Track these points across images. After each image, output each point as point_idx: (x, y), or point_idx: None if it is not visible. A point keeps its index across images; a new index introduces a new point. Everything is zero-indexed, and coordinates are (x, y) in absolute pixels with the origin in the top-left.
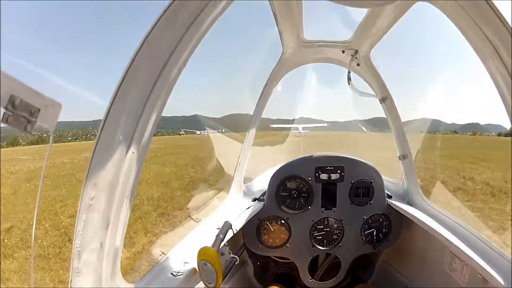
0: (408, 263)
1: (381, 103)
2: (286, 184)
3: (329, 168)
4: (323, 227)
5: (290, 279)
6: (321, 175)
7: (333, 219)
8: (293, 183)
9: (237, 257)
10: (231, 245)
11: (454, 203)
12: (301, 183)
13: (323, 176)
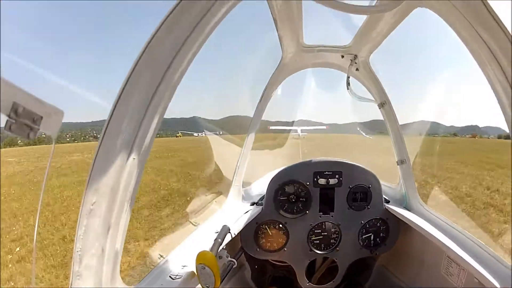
0: (405, 267)
1: (380, 108)
2: (284, 188)
3: (327, 173)
4: (320, 231)
5: (287, 283)
6: (319, 180)
7: (330, 224)
8: (291, 188)
9: (235, 260)
10: (229, 248)
11: (451, 208)
12: (299, 188)
13: (321, 180)
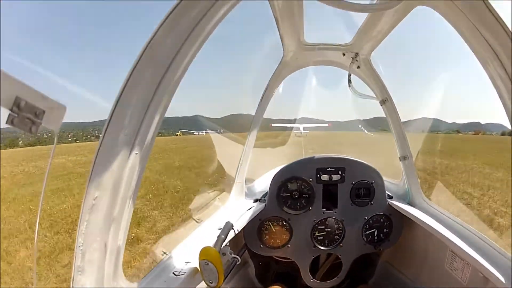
0: (409, 263)
1: (382, 105)
2: (287, 185)
3: (330, 169)
4: (324, 227)
5: (291, 279)
6: (322, 176)
7: (334, 220)
8: (295, 184)
9: (238, 257)
10: (233, 245)
11: (454, 203)
12: (302, 184)
13: (324, 177)
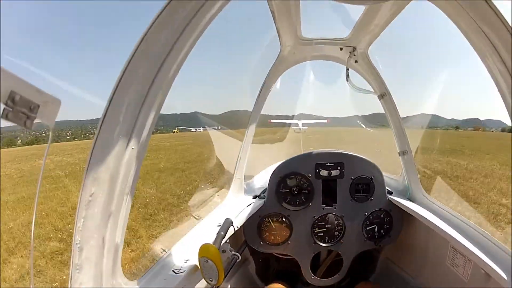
0: (410, 259)
1: (380, 100)
2: (286, 181)
3: (329, 164)
4: (324, 223)
5: (292, 276)
6: (321, 172)
7: (334, 216)
8: (294, 180)
9: (238, 254)
10: (232, 242)
11: (454, 197)
12: (302, 180)
13: (323, 172)
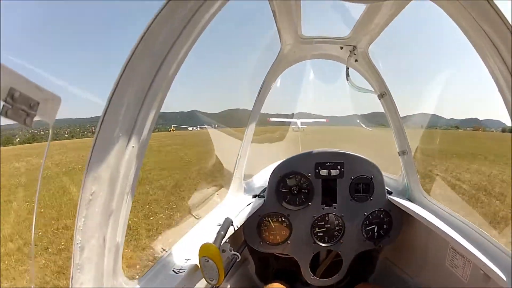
0: (409, 259)
1: (380, 99)
2: (286, 180)
3: (329, 164)
4: (324, 223)
5: (291, 276)
6: (321, 171)
7: (333, 215)
8: (293, 179)
9: (238, 254)
10: (232, 242)
11: (454, 198)
12: (301, 179)
13: (323, 172)
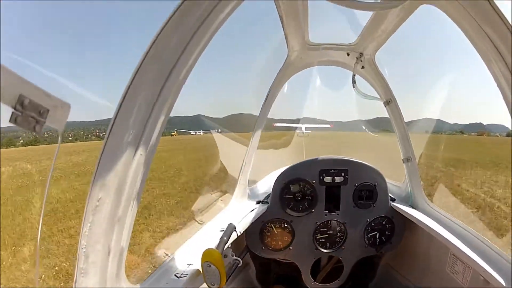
0: (410, 266)
1: (386, 106)
2: (290, 187)
3: (333, 171)
4: (326, 229)
5: (292, 281)
6: (325, 178)
7: (336, 222)
8: (297, 186)
9: (240, 259)
10: (234, 247)
11: (456, 205)
12: (305, 186)
13: (327, 179)
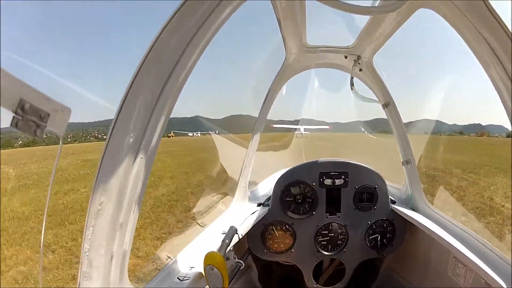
0: (411, 268)
1: (384, 109)
2: (290, 189)
3: (333, 173)
4: (327, 232)
5: (294, 284)
6: (325, 181)
7: (337, 224)
8: (298, 189)
9: (242, 262)
10: (236, 250)
11: (457, 207)
12: (306, 188)
13: (328, 181)
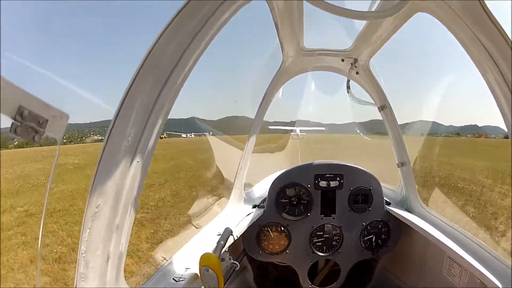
0: (407, 269)
1: (380, 111)
2: (286, 191)
3: (328, 175)
4: (322, 233)
5: (289, 284)
6: (320, 183)
7: (332, 226)
8: (293, 190)
9: (237, 263)
10: (231, 251)
11: (451, 208)
12: (301, 190)
13: (323, 183)
